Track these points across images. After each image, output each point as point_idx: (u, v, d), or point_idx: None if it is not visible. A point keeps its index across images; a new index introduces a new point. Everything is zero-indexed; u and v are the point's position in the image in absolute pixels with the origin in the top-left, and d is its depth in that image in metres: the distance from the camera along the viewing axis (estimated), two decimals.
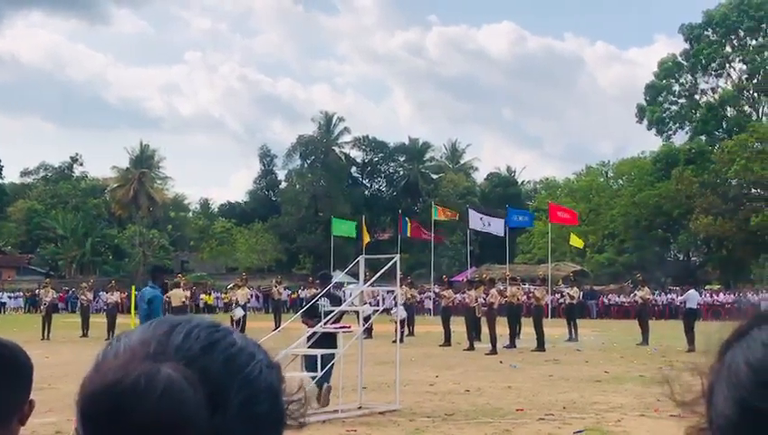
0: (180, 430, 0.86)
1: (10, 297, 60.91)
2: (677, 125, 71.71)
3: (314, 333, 12.55)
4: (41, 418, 10.27)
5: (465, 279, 35.22)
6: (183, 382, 0.87)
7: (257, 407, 0.94)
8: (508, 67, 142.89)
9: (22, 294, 60.55)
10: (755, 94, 69.39)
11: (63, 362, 19.04)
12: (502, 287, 28.70)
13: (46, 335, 30.07)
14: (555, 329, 28.67)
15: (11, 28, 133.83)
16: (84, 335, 31.15)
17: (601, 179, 76.72)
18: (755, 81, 68.69)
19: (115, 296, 33.30)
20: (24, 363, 1.95)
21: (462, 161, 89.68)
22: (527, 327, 26.14)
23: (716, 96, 69.81)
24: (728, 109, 69.63)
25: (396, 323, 17.09)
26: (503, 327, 25.04)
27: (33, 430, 10.10)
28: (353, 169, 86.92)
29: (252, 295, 51.94)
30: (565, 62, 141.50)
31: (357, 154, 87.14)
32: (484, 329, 25.29)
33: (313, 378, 11.65)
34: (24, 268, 75.08)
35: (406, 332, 29.20)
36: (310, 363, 12.13)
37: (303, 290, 43.33)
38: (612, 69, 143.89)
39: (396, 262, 13.33)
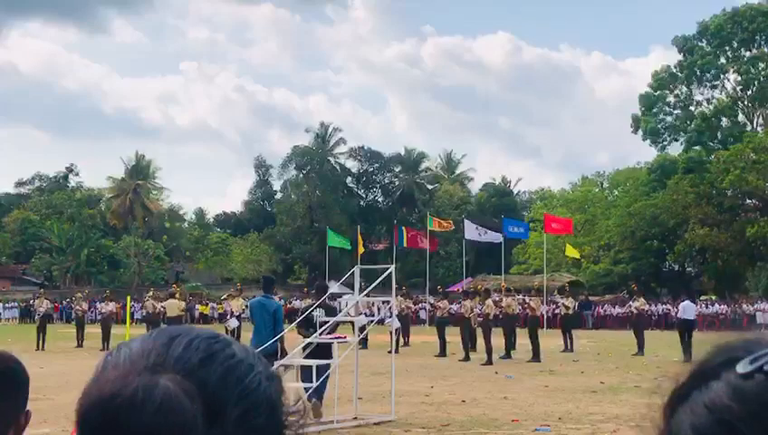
0: None
1: (5, 307, 60.81)
2: (672, 136, 71.84)
3: (310, 344, 12.56)
4: (36, 428, 10.23)
5: (460, 289, 35.24)
6: (181, 395, 0.88)
7: (255, 419, 0.93)
8: (504, 77, 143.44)
9: (16, 304, 60.45)
10: (750, 105, 69.56)
11: (58, 373, 18.99)
12: (497, 298, 28.68)
13: (41, 346, 30.01)
14: (551, 339, 28.66)
15: (8, 38, 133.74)
16: (79, 346, 31.07)
17: (597, 190, 76.75)
18: (750, 92, 68.88)
19: (110, 306, 33.26)
20: (20, 375, 1.95)
21: (457, 171, 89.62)
22: (522, 338, 26.12)
23: (711, 107, 69.96)
24: (723, 120, 69.77)
25: (391, 333, 17.08)
26: (498, 338, 25.04)
27: None
28: (349, 179, 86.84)
29: (247, 306, 51.77)
30: (561, 73, 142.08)
31: (352, 164, 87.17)
32: (480, 340, 25.29)
33: (307, 390, 11.64)
34: (18, 279, 74.97)
35: (401, 342, 29.16)
36: (305, 374, 12.13)
37: (299, 300, 43.29)
38: (609, 79, 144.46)
39: (391, 272, 13.35)
